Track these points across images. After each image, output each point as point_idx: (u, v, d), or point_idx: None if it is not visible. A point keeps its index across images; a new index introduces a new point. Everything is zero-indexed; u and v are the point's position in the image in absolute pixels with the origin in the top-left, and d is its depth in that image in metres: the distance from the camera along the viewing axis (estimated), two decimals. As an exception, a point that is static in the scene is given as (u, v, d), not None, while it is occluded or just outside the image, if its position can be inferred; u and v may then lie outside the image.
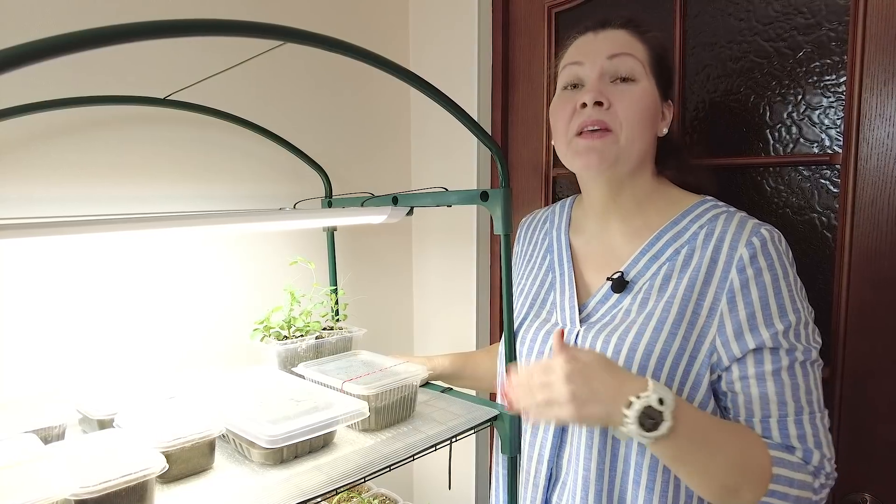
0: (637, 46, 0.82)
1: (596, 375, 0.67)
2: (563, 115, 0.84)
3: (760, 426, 0.74)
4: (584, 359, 0.68)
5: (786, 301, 0.74)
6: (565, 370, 0.67)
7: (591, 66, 0.82)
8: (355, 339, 1.14)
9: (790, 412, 0.73)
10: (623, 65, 0.81)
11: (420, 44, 1.49)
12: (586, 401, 0.66)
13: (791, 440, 0.73)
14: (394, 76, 0.69)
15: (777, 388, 0.73)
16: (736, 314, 0.74)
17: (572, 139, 0.83)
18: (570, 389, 0.66)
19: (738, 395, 0.75)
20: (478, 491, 1.45)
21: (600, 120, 0.79)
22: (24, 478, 0.61)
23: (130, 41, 0.48)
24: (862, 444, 0.93)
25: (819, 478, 0.72)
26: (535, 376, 0.70)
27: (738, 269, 0.75)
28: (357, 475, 0.74)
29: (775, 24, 0.99)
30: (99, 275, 1.00)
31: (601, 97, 0.79)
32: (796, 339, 0.74)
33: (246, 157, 1.20)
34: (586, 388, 0.66)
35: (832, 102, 0.94)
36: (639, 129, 0.80)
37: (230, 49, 1.09)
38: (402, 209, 1.00)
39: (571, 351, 0.69)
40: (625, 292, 0.82)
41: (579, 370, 0.67)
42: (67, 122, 0.97)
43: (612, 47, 0.82)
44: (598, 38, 0.84)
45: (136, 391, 0.90)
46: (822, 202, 0.96)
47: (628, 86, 0.81)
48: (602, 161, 0.80)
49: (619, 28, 0.84)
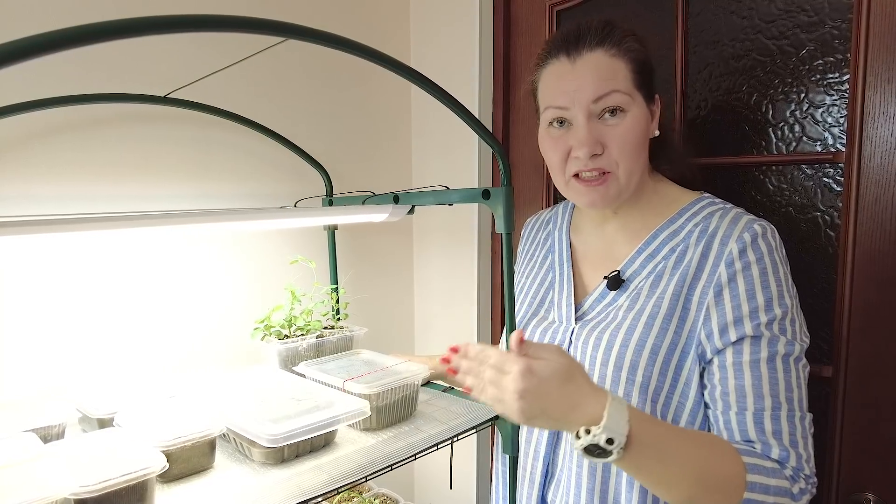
0: (619, 70, 0.78)
1: (549, 395, 0.63)
2: (555, 155, 0.82)
3: (736, 419, 0.72)
4: (540, 373, 0.63)
5: (773, 295, 0.72)
6: (518, 386, 0.62)
7: (577, 109, 0.78)
8: (356, 339, 1.14)
9: (767, 406, 0.70)
10: (610, 102, 0.77)
11: (421, 43, 1.48)
12: (533, 417, 0.64)
13: (766, 436, 0.70)
14: (395, 73, 0.69)
15: (754, 379, 0.71)
16: (722, 307, 0.74)
17: (570, 180, 0.82)
18: (520, 405, 0.63)
19: (716, 386, 0.74)
20: (479, 491, 1.44)
21: (597, 168, 0.79)
22: (23, 477, 0.61)
23: (130, 37, 0.48)
24: (866, 443, 0.92)
25: (798, 482, 0.69)
26: (488, 368, 0.66)
27: (727, 262, 0.74)
28: (358, 475, 0.74)
29: (778, 22, 0.98)
30: (98, 273, 1.00)
31: (596, 146, 0.77)
32: (780, 332, 0.72)
33: (246, 155, 1.19)
34: (536, 406, 0.63)
35: (835, 100, 0.94)
36: (634, 160, 0.79)
37: (230, 47, 1.09)
38: (404, 207, 0.99)
39: (529, 362, 0.63)
40: (620, 290, 0.83)
41: (533, 388, 0.62)
42: (67, 120, 0.96)
43: (596, 88, 0.77)
44: (576, 69, 0.78)
45: (136, 390, 0.90)
46: (825, 201, 0.96)
47: (617, 120, 0.78)
48: (605, 200, 0.81)
49: (595, 48, 0.78)
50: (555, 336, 0.87)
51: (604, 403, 0.62)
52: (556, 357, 0.64)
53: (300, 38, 0.60)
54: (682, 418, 0.76)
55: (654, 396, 0.75)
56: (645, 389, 0.75)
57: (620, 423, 0.61)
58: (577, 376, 0.65)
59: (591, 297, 0.86)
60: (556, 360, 0.64)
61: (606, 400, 0.63)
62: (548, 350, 0.65)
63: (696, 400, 0.76)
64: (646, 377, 0.75)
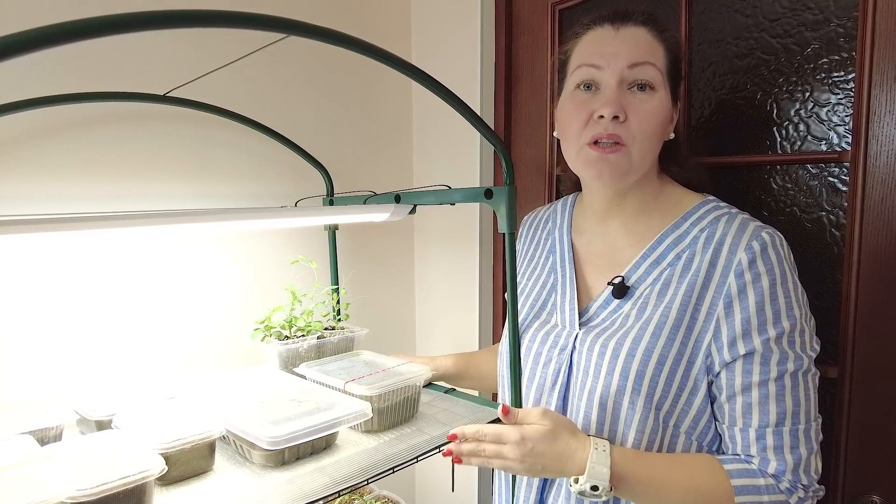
0: (657, 50, 0.79)
1: (544, 454, 0.72)
2: (576, 119, 0.80)
3: (740, 435, 0.74)
4: (532, 438, 0.72)
5: (781, 307, 0.72)
6: (518, 453, 0.71)
7: (611, 72, 0.78)
8: (357, 339, 1.13)
9: (771, 423, 0.72)
10: (643, 74, 0.77)
11: (422, 42, 1.48)
12: (537, 474, 0.74)
13: (767, 452, 0.72)
14: (397, 70, 0.68)
15: (761, 398, 0.72)
16: (732, 319, 0.74)
17: (583, 147, 0.80)
18: (524, 468, 0.72)
19: (723, 404, 0.75)
20: (480, 493, 1.43)
21: (615, 134, 0.77)
22: (19, 480, 0.60)
23: (128, 31, 0.47)
24: (871, 444, 0.92)
25: (795, 492, 0.71)
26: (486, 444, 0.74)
27: (737, 273, 0.74)
28: (360, 477, 0.73)
29: (782, 21, 0.98)
30: (96, 273, 0.99)
31: (620, 111, 0.77)
32: (789, 347, 0.72)
33: (246, 155, 1.18)
34: (538, 465, 0.72)
35: (840, 99, 0.93)
36: (650, 144, 0.79)
37: (231, 45, 1.08)
38: (405, 207, 0.99)
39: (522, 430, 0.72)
40: (625, 298, 0.82)
41: (529, 451, 0.71)
42: (66, 118, 0.95)
43: (634, 55, 0.77)
44: (619, 36, 0.79)
45: (134, 391, 0.89)
46: (830, 200, 0.95)
47: (646, 96, 0.78)
48: (613, 174, 0.79)
49: (640, 25, 0.79)
50: (557, 340, 0.85)
51: (585, 456, 0.71)
52: (540, 420, 0.73)
53: (302, 34, 0.59)
54: (684, 424, 0.77)
55: (658, 404, 0.75)
56: (650, 398, 0.75)
57: (602, 472, 0.69)
58: (562, 433, 0.73)
59: (596, 302, 0.85)
60: (541, 423, 0.73)
61: (589, 450, 0.72)
62: (533, 415, 0.74)
63: (700, 408, 0.76)
64: (652, 386, 0.75)
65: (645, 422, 0.75)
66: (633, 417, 0.75)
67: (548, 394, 0.85)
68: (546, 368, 0.85)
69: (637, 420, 0.75)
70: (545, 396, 0.85)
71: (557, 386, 0.83)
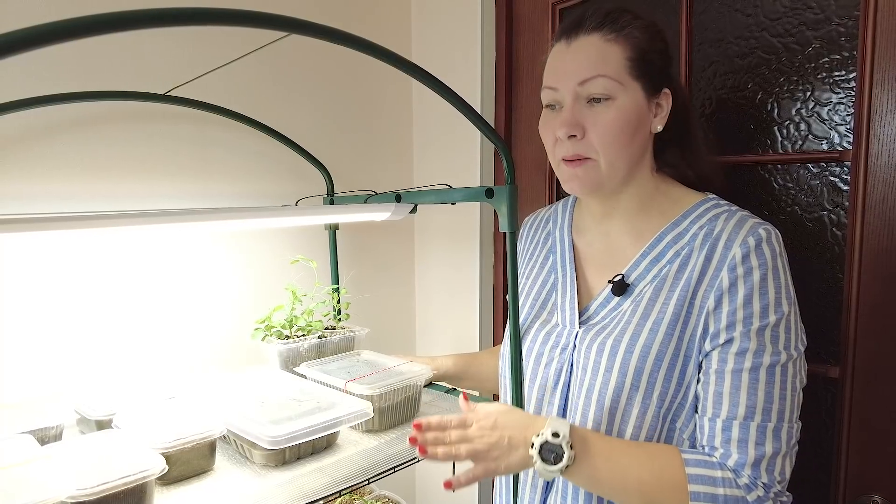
0: (611, 55, 0.78)
1: (505, 425, 0.73)
2: (548, 139, 0.84)
3: (708, 425, 0.73)
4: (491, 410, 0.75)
5: (770, 301, 0.72)
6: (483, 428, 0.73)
7: (564, 92, 0.80)
8: (358, 339, 1.13)
9: (739, 415, 0.71)
10: (594, 88, 0.78)
11: (423, 41, 1.48)
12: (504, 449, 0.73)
13: (729, 444, 0.71)
14: (397, 69, 0.68)
15: (732, 388, 0.71)
16: (720, 311, 0.74)
17: (559, 164, 0.83)
18: (492, 441, 0.72)
19: (699, 391, 0.75)
20: (481, 494, 1.43)
21: (576, 153, 0.79)
22: (19, 480, 0.60)
23: (128, 29, 0.47)
24: (872, 444, 0.91)
25: (755, 490, 0.69)
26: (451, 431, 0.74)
27: (730, 267, 0.74)
28: (361, 477, 0.73)
29: (783, 20, 0.98)
30: (96, 272, 0.99)
31: (574, 129, 0.78)
32: (771, 341, 0.72)
33: (246, 154, 1.18)
34: (503, 436, 0.73)
35: (842, 98, 0.93)
36: (616, 150, 0.79)
37: (231, 45, 1.08)
38: (406, 206, 0.98)
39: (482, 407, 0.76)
40: (625, 296, 0.82)
41: (492, 423, 0.73)
42: (65, 117, 0.95)
43: (582, 72, 0.78)
44: (570, 51, 0.79)
45: (134, 391, 0.89)
46: (831, 200, 0.95)
47: (602, 107, 0.78)
48: (584, 186, 0.81)
49: (592, 32, 0.78)
50: (559, 339, 0.85)
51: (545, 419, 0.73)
52: (492, 402, 0.79)
53: (303, 32, 0.59)
54: (680, 419, 0.77)
55: (657, 401, 0.75)
56: (650, 395, 0.75)
57: (563, 425, 0.71)
58: (514, 408, 0.78)
59: (596, 301, 0.85)
60: (494, 403, 0.78)
61: (547, 417, 0.74)
62: (486, 401, 0.81)
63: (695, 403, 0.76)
64: (650, 383, 0.75)
65: (644, 418, 0.75)
66: (632, 414, 0.76)
67: (550, 393, 0.84)
68: (548, 368, 0.85)
69: (636, 416, 0.75)
70: (547, 396, 0.85)
71: (559, 385, 0.83)
